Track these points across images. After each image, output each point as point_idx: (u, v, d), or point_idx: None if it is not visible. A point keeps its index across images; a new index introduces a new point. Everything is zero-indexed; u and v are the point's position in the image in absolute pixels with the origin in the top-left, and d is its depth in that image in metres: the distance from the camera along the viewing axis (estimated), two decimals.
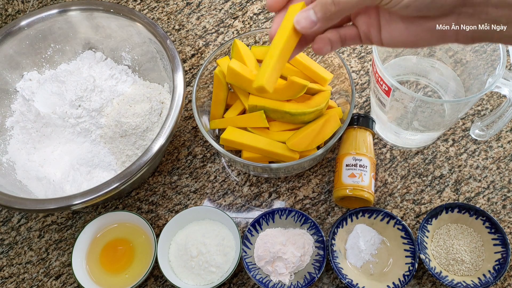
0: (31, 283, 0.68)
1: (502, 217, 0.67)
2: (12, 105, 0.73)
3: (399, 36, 0.38)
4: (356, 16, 0.40)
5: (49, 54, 0.76)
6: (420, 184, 0.69)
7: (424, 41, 0.38)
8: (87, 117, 0.70)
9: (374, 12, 0.39)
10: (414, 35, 0.38)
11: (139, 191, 0.72)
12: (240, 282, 0.65)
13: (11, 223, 0.72)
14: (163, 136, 0.61)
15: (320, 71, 0.65)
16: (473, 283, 0.61)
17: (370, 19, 0.39)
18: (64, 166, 0.70)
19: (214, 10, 0.86)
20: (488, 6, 0.34)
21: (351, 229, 0.66)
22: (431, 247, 0.64)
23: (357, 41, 0.41)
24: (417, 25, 0.37)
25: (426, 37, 0.38)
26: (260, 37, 0.70)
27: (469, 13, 0.35)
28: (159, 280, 0.66)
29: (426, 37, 0.38)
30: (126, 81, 0.75)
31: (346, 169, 0.65)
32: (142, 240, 0.66)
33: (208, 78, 0.69)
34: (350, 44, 0.42)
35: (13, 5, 0.85)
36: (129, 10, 0.71)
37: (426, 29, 0.37)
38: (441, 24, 0.36)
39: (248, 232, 0.65)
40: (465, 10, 0.35)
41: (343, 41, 0.41)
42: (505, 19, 0.34)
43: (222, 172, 0.72)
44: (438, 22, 0.36)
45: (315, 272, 0.62)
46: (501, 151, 0.71)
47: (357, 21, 0.40)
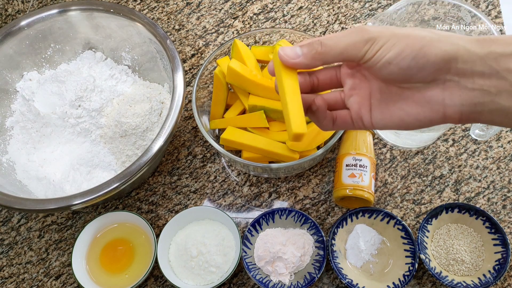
0: (31, 283, 0.68)
1: (502, 217, 0.67)
2: (12, 105, 0.73)
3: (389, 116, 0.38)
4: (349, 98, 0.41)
5: (49, 54, 0.76)
6: (420, 184, 0.69)
7: (413, 116, 0.37)
8: (87, 117, 0.70)
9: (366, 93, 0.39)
10: (404, 110, 0.37)
11: (139, 191, 0.72)
12: (240, 282, 0.65)
13: (11, 223, 0.72)
14: (163, 136, 0.61)
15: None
16: (473, 283, 0.61)
17: (363, 100, 0.39)
18: (64, 166, 0.70)
19: (214, 10, 0.86)
20: (474, 75, 0.34)
21: (351, 229, 0.66)
22: (431, 247, 0.64)
23: (349, 123, 0.41)
24: (404, 98, 0.37)
25: (414, 112, 0.37)
26: (260, 37, 0.70)
27: (455, 81, 0.34)
28: (159, 280, 0.66)
29: (414, 112, 0.37)
30: (126, 81, 0.75)
31: (346, 169, 0.65)
32: (142, 240, 0.66)
33: (208, 78, 0.69)
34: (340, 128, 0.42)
35: (13, 5, 0.85)
36: (129, 10, 0.71)
37: (413, 101, 0.36)
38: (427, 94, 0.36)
39: (248, 232, 0.65)
40: (450, 78, 0.35)
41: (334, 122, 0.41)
42: (493, 88, 0.33)
43: (222, 172, 0.72)
44: (424, 93, 0.36)
45: (315, 272, 0.62)
46: (501, 151, 0.71)
47: (349, 102, 0.41)
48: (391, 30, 0.36)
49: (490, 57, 0.33)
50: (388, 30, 0.36)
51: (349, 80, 0.41)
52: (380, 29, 0.36)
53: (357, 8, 0.83)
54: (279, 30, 0.70)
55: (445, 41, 0.34)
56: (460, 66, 0.34)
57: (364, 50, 0.36)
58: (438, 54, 0.34)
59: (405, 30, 0.36)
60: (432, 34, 0.35)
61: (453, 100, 0.35)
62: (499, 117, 0.34)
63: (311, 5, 0.84)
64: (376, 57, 0.36)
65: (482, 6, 0.81)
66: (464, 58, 0.34)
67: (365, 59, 0.36)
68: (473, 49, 0.34)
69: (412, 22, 0.67)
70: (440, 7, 0.64)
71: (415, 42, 0.35)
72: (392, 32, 0.35)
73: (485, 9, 0.80)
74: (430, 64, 0.34)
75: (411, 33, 0.35)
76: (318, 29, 0.82)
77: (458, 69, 0.34)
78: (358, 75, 0.40)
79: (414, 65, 0.35)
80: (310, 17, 0.83)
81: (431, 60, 0.34)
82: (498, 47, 0.33)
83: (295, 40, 0.70)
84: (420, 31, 0.36)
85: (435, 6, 0.64)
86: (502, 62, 0.33)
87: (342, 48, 0.36)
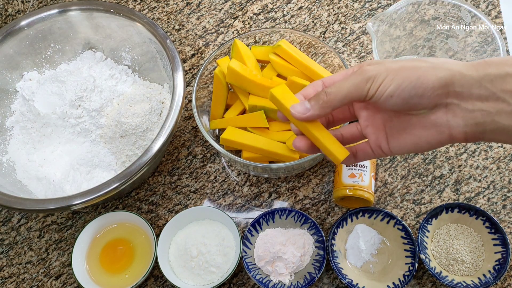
0: (31, 283, 0.68)
1: (502, 217, 0.67)
2: (12, 105, 0.73)
3: (404, 142, 0.41)
4: (366, 128, 0.43)
5: (49, 54, 0.76)
6: (420, 184, 0.69)
7: (424, 139, 0.39)
8: (87, 117, 0.70)
9: (380, 122, 0.42)
10: (415, 135, 0.40)
11: (139, 191, 0.72)
12: (240, 282, 0.65)
13: (11, 223, 0.72)
14: (163, 136, 0.61)
15: (320, 71, 0.65)
16: (473, 283, 0.61)
17: (378, 130, 0.42)
18: (64, 166, 0.70)
19: (214, 10, 0.86)
20: (472, 98, 0.35)
21: (351, 229, 0.66)
22: (431, 247, 0.64)
23: (369, 153, 0.44)
24: (414, 124, 0.39)
25: (424, 135, 0.39)
26: (260, 37, 0.70)
27: (455, 104, 0.36)
28: (159, 280, 0.66)
29: (424, 135, 0.39)
30: (126, 81, 0.75)
31: (346, 169, 0.65)
32: (142, 240, 0.66)
33: (208, 78, 0.69)
34: (362, 159, 0.44)
35: (13, 5, 0.85)
36: (129, 10, 0.71)
37: (422, 126, 0.39)
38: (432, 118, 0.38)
39: (248, 232, 0.65)
40: (451, 101, 0.36)
41: (355, 156, 0.44)
42: (493, 109, 0.35)
43: (222, 172, 0.72)
44: (429, 117, 0.38)
45: (315, 272, 0.62)
46: (501, 151, 0.71)
47: (367, 133, 0.43)
48: (386, 66, 0.38)
49: (486, 80, 0.35)
50: (383, 66, 0.38)
51: (363, 112, 0.43)
52: (376, 67, 0.38)
53: (357, 8, 0.83)
54: (279, 30, 0.70)
55: (440, 68, 0.36)
56: (458, 90, 0.36)
57: (366, 89, 0.38)
58: (435, 81, 0.36)
59: (399, 64, 0.38)
60: (426, 63, 0.37)
61: (456, 122, 0.37)
62: (502, 136, 0.36)
63: (311, 5, 0.84)
64: (378, 93, 0.38)
65: (482, 6, 0.81)
66: (461, 82, 0.35)
67: (369, 97, 0.39)
68: (468, 73, 0.35)
69: (412, 22, 0.67)
70: (440, 7, 0.64)
71: (411, 73, 0.37)
72: (389, 67, 0.38)
73: (485, 9, 0.80)
74: (429, 91, 0.36)
75: (405, 65, 0.38)
76: (318, 29, 0.82)
77: (457, 93, 0.36)
78: (370, 106, 0.43)
79: (414, 94, 0.37)
80: (310, 17, 0.83)
81: (429, 87, 0.36)
82: (493, 69, 0.35)
83: (295, 40, 0.70)
84: (413, 62, 0.38)
85: (435, 6, 0.64)
86: (498, 83, 0.34)
87: (346, 92, 0.39)
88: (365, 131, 0.43)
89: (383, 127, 0.42)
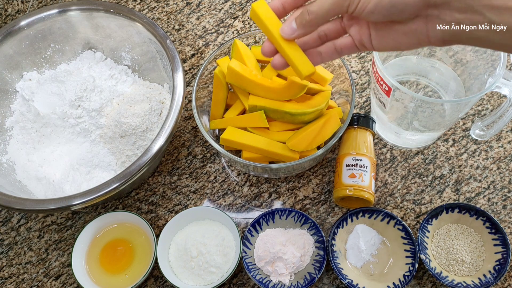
0: (30, 283, 0.68)
1: (503, 217, 0.67)
2: (11, 105, 0.73)
3: (386, 42, 0.43)
4: (350, 27, 0.45)
5: (49, 54, 0.76)
6: (420, 184, 0.69)
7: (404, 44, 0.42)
8: (86, 117, 0.70)
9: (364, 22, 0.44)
10: (396, 40, 0.42)
11: (139, 191, 0.72)
12: (240, 283, 0.65)
13: (11, 223, 0.72)
14: (163, 136, 0.61)
15: (320, 71, 0.65)
16: (474, 283, 0.61)
17: (362, 28, 0.44)
18: (63, 166, 0.70)
19: (214, 10, 0.86)
20: (451, 9, 0.37)
21: (351, 229, 0.66)
22: (431, 247, 0.64)
23: (354, 49, 0.46)
24: (396, 30, 0.41)
25: (404, 41, 0.42)
26: (260, 37, 0.70)
27: (435, 15, 0.38)
28: (159, 280, 0.66)
29: (404, 41, 0.42)
30: (126, 81, 0.75)
31: (346, 169, 0.65)
32: (142, 240, 0.66)
33: (208, 78, 0.69)
34: (347, 53, 0.47)
35: (13, 5, 0.85)
36: (129, 10, 0.71)
37: (402, 33, 0.41)
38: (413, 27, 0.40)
39: (248, 232, 0.65)
40: (431, 13, 0.38)
41: (339, 51, 0.47)
42: (469, 21, 0.37)
43: (222, 172, 0.72)
44: (410, 26, 0.40)
45: (315, 272, 0.62)
46: (501, 151, 0.71)
47: (351, 31, 0.46)
48: None
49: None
50: None
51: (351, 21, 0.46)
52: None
53: None
54: None
55: None
56: (438, 2, 0.37)
57: (345, 5, 0.41)
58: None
59: None
60: None
61: (434, 31, 0.39)
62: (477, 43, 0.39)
63: None
64: (358, 9, 0.40)
65: None
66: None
67: (350, 12, 0.41)
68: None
69: None
70: None
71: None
72: None
73: None
74: (409, 7, 0.38)
75: None
76: None
77: (437, 4, 0.38)
78: None
79: (394, 11, 0.39)
80: None
81: (410, 3, 0.38)
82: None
83: None
84: None
85: None
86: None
87: (327, 9, 0.42)
88: (349, 30, 0.46)
89: (367, 28, 0.44)
